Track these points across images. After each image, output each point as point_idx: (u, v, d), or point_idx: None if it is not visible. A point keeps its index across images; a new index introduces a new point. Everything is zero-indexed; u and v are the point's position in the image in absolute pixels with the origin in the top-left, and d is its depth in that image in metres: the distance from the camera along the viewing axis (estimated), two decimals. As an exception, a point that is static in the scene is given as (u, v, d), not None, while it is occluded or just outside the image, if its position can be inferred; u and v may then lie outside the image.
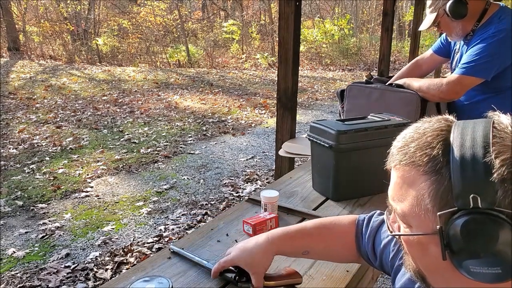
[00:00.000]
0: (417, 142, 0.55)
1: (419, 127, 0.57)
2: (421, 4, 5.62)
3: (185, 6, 16.34)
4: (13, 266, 2.51)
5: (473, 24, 1.84)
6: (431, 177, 0.52)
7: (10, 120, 5.80)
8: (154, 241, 2.81)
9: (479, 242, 0.49)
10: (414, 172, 0.54)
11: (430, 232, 0.53)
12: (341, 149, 1.44)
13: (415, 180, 0.54)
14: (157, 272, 1.05)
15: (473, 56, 1.76)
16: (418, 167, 0.54)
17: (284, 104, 2.27)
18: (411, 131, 0.57)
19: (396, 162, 0.57)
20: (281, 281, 0.98)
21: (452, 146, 0.51)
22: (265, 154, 4.68)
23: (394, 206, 0.60)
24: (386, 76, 2.58)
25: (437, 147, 0.52)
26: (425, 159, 0.53)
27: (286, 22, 2.11)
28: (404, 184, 0.56)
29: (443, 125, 0.54)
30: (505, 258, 0.48)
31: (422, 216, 0.54)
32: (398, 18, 16.04)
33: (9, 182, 3.74)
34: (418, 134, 0.55)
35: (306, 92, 8.81)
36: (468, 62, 1.77)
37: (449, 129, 0.53)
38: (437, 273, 0.58)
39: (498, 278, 0.49)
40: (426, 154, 0.53)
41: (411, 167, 0.54)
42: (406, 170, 0.55)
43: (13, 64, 10.67)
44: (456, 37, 1.93)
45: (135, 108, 6.78)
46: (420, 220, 0.55)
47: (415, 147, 0.54)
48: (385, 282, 2.45)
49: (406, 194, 0.56)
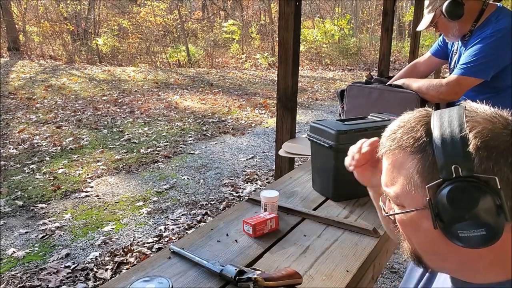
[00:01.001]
0: (402, 129, 0.63)
1: (403, 118, 0.65)
2: (421, 4, 5.62)
3: (185, 6, 16.34)
4: (13, 266, 2.51)
5: (470, 25, 1.84)
6: (418, 155, 0.59)
7: (10, 120, 5.80)
8: (154, 241, 2.81)
9: (463, 206, 0.55)
10: (403, 154, 0.61)
11: (421, 207, 0.59)
12: (341, 149, 1.44)
13: (404, 161, 0.61)
14: (157, 272, 1.05)
15: (472, 56, 1.76)
16: (406, 148, 0.61)
17: (284, 104, 2.27)
18: (396, 122, 0.65)
19: (386, 149, 0.65)
20: (281, 281, 0.98)
21: (433, 127, 0.59)
22: (265, 154, 4.69)
23: (388, 191, 0.66)
24: (386, 76, 2.58)
25: (420, 130, 0.60)
26: (411, 141, 0.60)
27: (286, 22, 2.11)
28: (395, 167, 0.63)
29: (423, 113, 0.63)
30: (486, 218, 0.54)
31: (413, 192, 0.60)
32: (398, 18, 16.04)
33: (9, 182, 3.74)
34: (403, 122, 0.64)
35: (306, 92, 8.81)
36: (467, 63, 1.77)
37: (429, 115, 0.62)
38: (432, 251, 0.63)
39: (483, 240, 0.54)
40: (411, 137, 0.60)
41: (400, 150, 0.62)
42: (395, 153, 0.63)
43: (13, 64, 10.67)
44: (453, 38, 1.93)
45: (135, 108, 6.78)
46: (411, 198, 0.61)
47: (401, 133, 0.62)
48: (385, 282, 2.45)
49: (398, 175, 0.63)
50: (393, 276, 2.51)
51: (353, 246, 1.21)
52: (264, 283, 0.96)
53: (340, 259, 1.14)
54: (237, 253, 1.16)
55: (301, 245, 1.20)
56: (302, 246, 1.20)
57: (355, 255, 1.16)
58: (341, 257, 1.15)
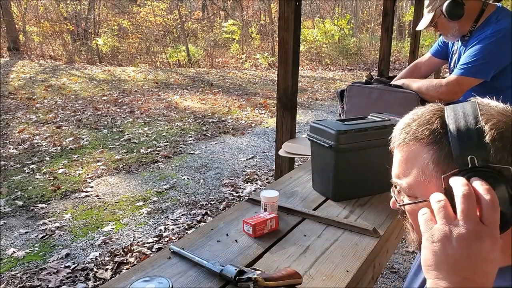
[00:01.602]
0: (417, 121, 0.64)
1: (416, 112, 0.66)
2: (421, 4, 5.62)
3: (185, 6, 16.34)
4: (13, 266, 2.51)
5: (470, 25, 1.84)
6: (434, 146, 0.60)
7: (10, 120, 5.80)
8: (154, 241, 2.81)
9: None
10: (418, 145, 0.62)
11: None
12: (341, 149, 1.44)
13: (419, 152, 0.62)
14: (157, 272, 1.05)
15: (472, 57, 1.76)
16: (421, 140, 0.62)
17: (284, 104, 2.27)
18: (410, 115, 0.66)
19: (400, 141, 0.65)
20: (281, 281, 0.98)
21: (448, 120, 0.60)
22: (265, 154, 4.68)
23: (399, 182, 0.66)
24: (386, 76, 2.58)
25: (435, 122, 0.61)
26: (427, 132, 0.61)
27: (286, 22, 2.11)
28: (409, 159, 0.64)
29: (436, 107, 0.64)
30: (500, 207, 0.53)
31: (427, 183, 0.61)
32: (398, 18, 16.04)
33: (9, 182, 3.74)
34: (417, 115, 0.65)
35: (306, 92, 8.81)
36: (467, 63, 1.77)
37: (442, 109, 0.63)
38: None
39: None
40: (427, 129, 0.61)
41: (415, 142, 0.63)
42: (409, 145, 0.63)
43: (13, 64, 10.67)
44: (452, 38, 1.93)
45: (135, 108, 6.78)
46: (425, 188, 0.62)
47: (416, 125, 0.63)
48: (385, 282, 2.45)
49: (412, 167, 0.63)
50: (393, 276, 2.51)
51: (353, 246, 1.21)
52: (264, 283, 0.96)
53: (340, 259, 1.14)
54: (237, 253, 1.16)
55: (301, 245, 1.20)
56: (302, 246, 1.20)
57: (355, 255, 1.16)
58: (341, 257, 1.15)
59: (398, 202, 0.70)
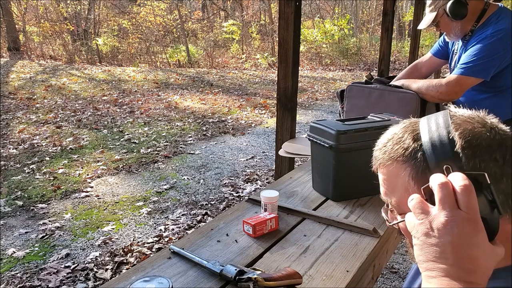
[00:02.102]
0: (391, 140, 0.66)
1: (391, 130, 0.68)
2: (421, 4, 5.62)
3: (185, 6, 16.34)
4: (13, 266, 2.51)
5: (472, 25, 1.84)
6: (410, 163, 0.62)
7: (10, 120, 5.80)
8: (154, 241, 2.81)
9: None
10: (395, 164, 0.64)
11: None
12: (341, 149, 1.44)
13: (398, 171, 0.64)
14: (157, 272, 1.05)
15: (472, 56, 1.76)
16: (397, 159, 0.63)
17: (284, 104, 2.27)
18: (385, 135, 0.69)
19: (379, 162, 0.67)
20: (281, 281, 0.98)
21: (421, 133, 0.62)
22: (265, 154, 4.69)
23: (388, 201, 0.68)
24: (386, 76, 2.58)
25: (407, 138, 0.63)
26: (401, 151, 0.63)
27: (286, 22, 2.11)
28: (390, 178, 0.66)
29: (407, 123, 0.66)
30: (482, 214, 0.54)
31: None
32: (398, 18, 16.04)
33: (9, 182, 3.74)
34: (391, 134, 0.67)
35: (306, 92, 8.81)
36: (467, 63, 1.77)
37: (415, 123, 0.65)
38: None
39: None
40: (401, 147, 0.63)
41: (392, 161, 0.64)
42: (388, 165, 0.65)
43: (13, 64, 10.67)
44: (455, 37, 1.93)
45: (135, 108, 6.78)
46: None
47: (391, 144, 0.65)
48: (385, 282, 2.45)
49: (394, 185, 0.65)
50: (393, 276, 2.51)
51: (353, 246, 1.21)
52: (264, 283, 0.96)
53: (340, 259, 1.14)
54: (237, 253, 1.16)
55: (301, 245, 1.20)
56: (302, 246, 1.20)
57: (355, 255, 1.16)
58: (341, 257, 1.15)
59: (390, 222, 0.71)
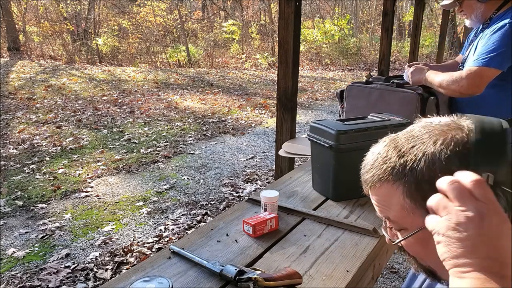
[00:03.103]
0: (376, 162, 0.64)
1: (373, 152, 0.67)
2: (421, 4, 5.63)
3: (185, 6, 16.34)
4: (13, 266, 2.51)
5: (492, 11, 1.79)
6: (401, 181, 0.61)
7: (10, 120, 5.80)
8: (154, 241, 2.81)
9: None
10: (386, 184, 0.63)
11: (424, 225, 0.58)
12: (341, 149, 1.44)
13: (389, 190, 0.62)
14: (157, 272, 1.05)
15: (492, 45, 1.69)
16: (387, 178, 0.62)
17: (284, 104, 2.27)
18: (369, 157, 0.67)
19: (369, 185, 0.66)
20: (281, 281, 0.98)
21: (404, 150, 0.61)
22: (265, 154, 4.69)
23: (385, 218, 0.67)
24: (386, 76, 2.58)
25: (393, 156, 0.62)
26: (389, 170, 0.62)
27: (286, 22, 2.11)
28: (384, 198, 0.64)
29: (387, 141, 0.65)
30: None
31: (411, 215, 0.61)
32: (398, 18, 16.04)
33: (9, 182, 3.74)
34: (374, 155, 0.66)
35: (306, 92, 8.81)
36: (487, 52, 1.69)
37: (395, 139, 0.64)
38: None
39: None
40: (388, 166, 0.62)
41: (382, 182, 0.63)
42: (378, 187, 0.64)
43: (13, 64, 10.67)
44: (475, 20, 1.86)
45: (135, 108, 6.78)
46: (411, 220, 0.61)
47: (377, 166, 0.64)
48: (385, 282, 2.45)
49: (389, 205, 0.64)
50: (393, 276, 2.50)
51: (353, 246, 1.21)
52: (264, 283, 0.96)
53: (340, 259, 1.14)
54: (237, 253, 1.16)
55: (301, 245, 1.20)
56: (302, 246, 1.20)
57: (355, 255, 1.16)
58: (341, 257, 1.15)
59: (393, 240, 0.69)
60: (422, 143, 0.60)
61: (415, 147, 0.60)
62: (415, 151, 0.60)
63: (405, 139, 0.62)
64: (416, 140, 0.61)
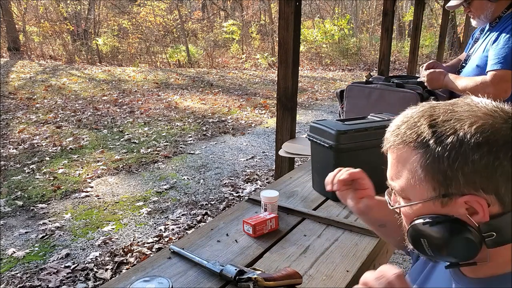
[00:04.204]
0: (406, 124, 0.63)
1: (406, 113, 0.66)
2: (421, 4, 5.63)
3: (185, 6, 16.34)
4: (13, 266, 2.51)
5: (502, 10, 1.78)
6: (420, 150, 0.60)
7: (10, 120, 5.80)
8: (154, 241, 2.81)
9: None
10: (406, 149, 0.62)
11: (426, 199, 0.61)
12: (341, 149, 1.44)
13: (408, 156, 0.62)
14: (157, 272, 1.05)
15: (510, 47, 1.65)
16: (409, 143, 0.62)
17: (284, 104, 2.27)
18: (401, 117, 0.67)
19: (390, 144, 0.66)
20: (281, 281, 0.98)
21: (436, 122, 0.60)
22: (265, 154, 4.68)
23: (393, 184, 0.67)
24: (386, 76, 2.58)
25: (423, 124, 0.61)
26: (414, 136, 0.61)
27: (286, 22, 2.11)
28: (399, 162, 0.64)
29: (426, 108, 0.63)
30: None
31: (417, 186, 0.62)
32: (398, 18, 16.04)
33: (9, 182, 3.74)
34: (406, 117, 0.65)
35: (306, 92, 8.81)
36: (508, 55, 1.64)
37: (432, 109, 0.62)
38: None
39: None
40: (414, 132, 0.61)
41: (404, 145, 0.63)
42: (399, 148, 0.64)
43: (13, 64, 10.67)
44: (484, 20, 1.84)
45: (135, 108, 6.78)
46: (416, 191, 0.63)
47: (405, 128, 0.63)
48: (385, 282, 2.45)
49: (402, 170, 0.64)
50: (393, 276, 2.50)
51: (353, 246, 1.21)
52: (264, 283, 0.96)
53: (340, 259, 1.14)
54: (237, 253, 1.16)
55: (301, 245, 1.20)
56: (302, 246, 1.20)
57: (355, 255, 1.16)
58: (341, 257, 1.15)
59: (392, 204, 0.71)
60: (458, 120, 0.58)
61: (450, 121, 0.59)
62: (448, 126, 0.58)
63: (443, 111, 0.61)
64: (454, 114, 0.59)
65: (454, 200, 0.59)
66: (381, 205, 1.01)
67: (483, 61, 1.79)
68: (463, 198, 0.58)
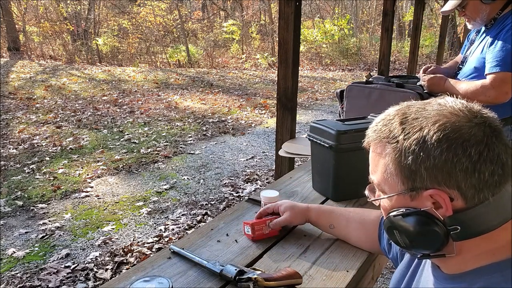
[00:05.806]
0: (383, 121, 0.68)
1: (387, 111, 0.69)
2: (421, 4, 5.63)
3: (185, 6, 16.34)
4: (13, 266, 2.51)
5: (496, 12, 1.78)
6: (392, 145, 0.64)
7: (10, 120, 5.80)
8: (154, 241, 2.81)
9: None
10: (381, 144, 0.66)
11: (397, 192, 0.65)
12: (341, 149, 1.44)
13: (382, 150, 0.66)
14: (157, 272, 1.05)
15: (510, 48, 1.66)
16: (383, 139, 0.66)
17: (284, 104, 2.27)
18: (381, 115, 0.70)
19: (369, 139, 0.70)
20: (281, 281, 0.98)
21: (407, 119, 0.63)
22: (265, 154, 4.69)
23: (372, 178, 0.71)
24: (386, 76, 2.58)
25: (395, 121, 0.65)
26: (387, 132, 0.65)
27: (286, 22, 2.11)
28: (376, 156, 0.68)
29: (403, 106, 0.67)
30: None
31: (389, 180, 0.66)
32: (398, 18, 16.04)
33: (9, 182, 3.74)
34: (385, 115, 0.69)
35: (306, 92, 8.81)
36: (506, 56, 1.65)
37: (408, 107, 0.66)
38: None
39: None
40: (388, 128, 0.65)
41: (379, 140, 0.67)
42: (375, 143, 0.68)
43: (13, 64, 10.68)
44: (480, 23, 1.84)
45: (135, 108, 6.78)
46: (389, 185, 0.67)
47: (381, 125, 0.67)
48: (385, 282, 2.45)
49: (378, 164, 0.68)
50: (393, 276, 2.50)
51: (353, 246, 1.21)
52: (264, 283, 0.96)
53: (340, 259, 1.14)
54: (237, 253, 1.16)
55: (301, 245, 1.20)
56: (302, 246, 1.20)
57: (355, 255, 1.16)
58: (341, 257, 1.15)
59: (369, 198, 0.76)
60: (425, 118, 0.62)
61: (418, 119, 0.62)
62: (415, 123, 0.62)
63: (415, 109, 0.64)
64: (423, 113, 0.63)
65: (420, 194, 0.62)
66: (321, 211, 1.19)
67: (481, 62, 1.80)
68: (428, 192, 0.61)
